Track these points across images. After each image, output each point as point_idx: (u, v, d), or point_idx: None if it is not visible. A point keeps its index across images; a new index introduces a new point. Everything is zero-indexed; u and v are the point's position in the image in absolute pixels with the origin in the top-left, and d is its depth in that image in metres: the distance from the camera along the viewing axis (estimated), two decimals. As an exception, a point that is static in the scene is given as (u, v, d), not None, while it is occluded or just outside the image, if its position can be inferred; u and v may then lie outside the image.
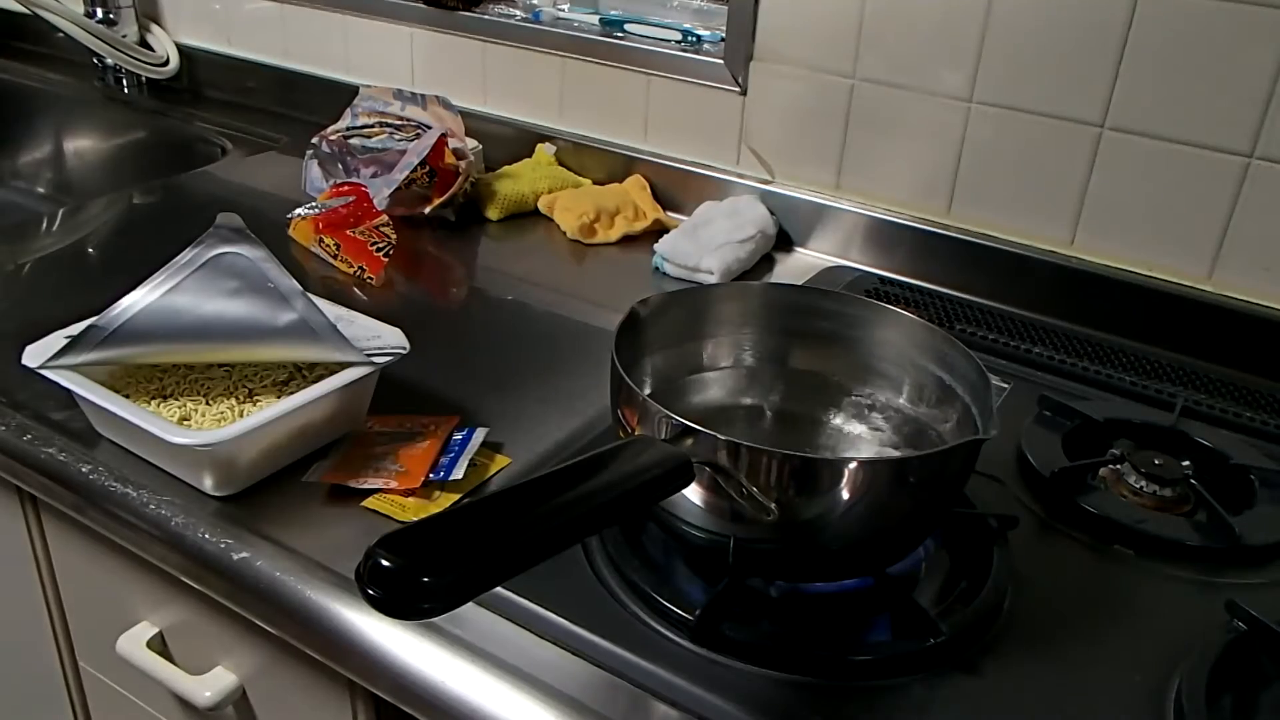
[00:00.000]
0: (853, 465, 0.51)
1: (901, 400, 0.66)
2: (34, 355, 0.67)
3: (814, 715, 0.50)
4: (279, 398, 0.67)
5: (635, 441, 0.49)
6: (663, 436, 0.51)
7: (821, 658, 0.53)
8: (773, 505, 0.50)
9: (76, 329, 0.69)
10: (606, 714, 0.51)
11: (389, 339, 0.70)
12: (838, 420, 0.68)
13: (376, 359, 0.68)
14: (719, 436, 0.49)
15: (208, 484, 0.64)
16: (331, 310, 0.71)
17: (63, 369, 0.65)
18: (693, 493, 0.51)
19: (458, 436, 0.68)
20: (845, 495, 0.50)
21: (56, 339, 0.68)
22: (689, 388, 0.68)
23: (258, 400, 0.68)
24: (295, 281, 0.68)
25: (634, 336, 0.62)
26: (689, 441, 0.50)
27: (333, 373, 0.68)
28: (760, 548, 0.53)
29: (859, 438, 0.67)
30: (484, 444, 0.69)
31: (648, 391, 0.65)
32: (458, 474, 0.64)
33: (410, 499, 0.64)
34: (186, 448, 0.61)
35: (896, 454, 0.64)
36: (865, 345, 0.67)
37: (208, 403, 0.67)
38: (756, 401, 0.69)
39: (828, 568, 0.56)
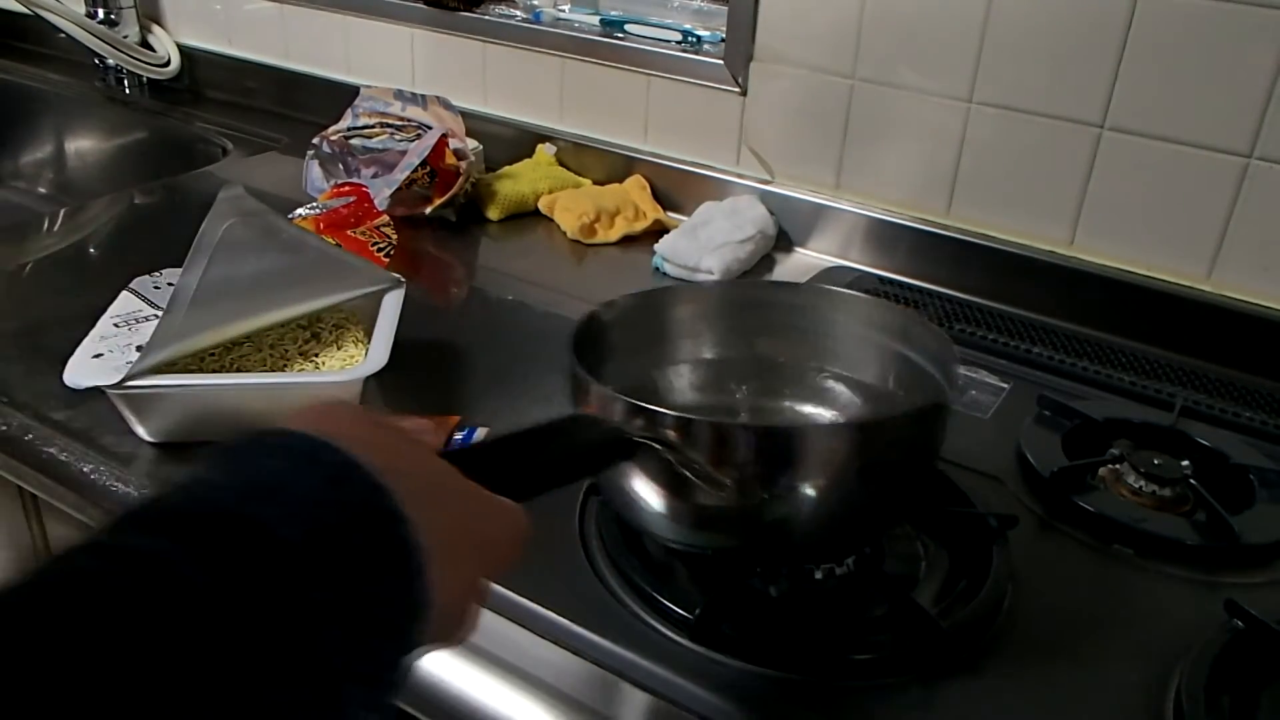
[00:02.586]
0: (799, 431, 0.50)
1: (869, 381, 0.66)
2: (83, 373, 0.66)
3: (814, 715, 0.50)
4: (337, 349, 0.74)
5: (578, 418, 0.49)
6: (615, 419, 0.50)
7: (821, 657, 0.53)
8: (728, 481, 0.49)
9: (107, 334, 0.71)
10: (607, 713, 0.51)
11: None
12: (806, 408, 0.67)
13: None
14: (664, 411, 0.48)
15: None
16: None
17: (146, 373, 0.65)
18: (649, 480, 0.51)
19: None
20: (799, 465, 0.50)
21: (87, 351, 0.69)
22: (654, 388, 0.67)
23: (318, 359, 0.73)
24: (300, 228, 0.74)
25: (595, 338, 0.61)
26: (638, 421, 0.49)
27: (353, 323, 0.76)
28: (729, 530, 0.53)
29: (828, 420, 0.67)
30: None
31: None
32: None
33: None
34: (349, 383, 0.67)
35: (843, 419, 0.63)
36: (828, 331, 0.67)
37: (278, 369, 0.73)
38: (723, 396, 0.68)
39: (799, 545, 0.55)
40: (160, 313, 0.72)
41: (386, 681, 0.30)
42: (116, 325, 0.73)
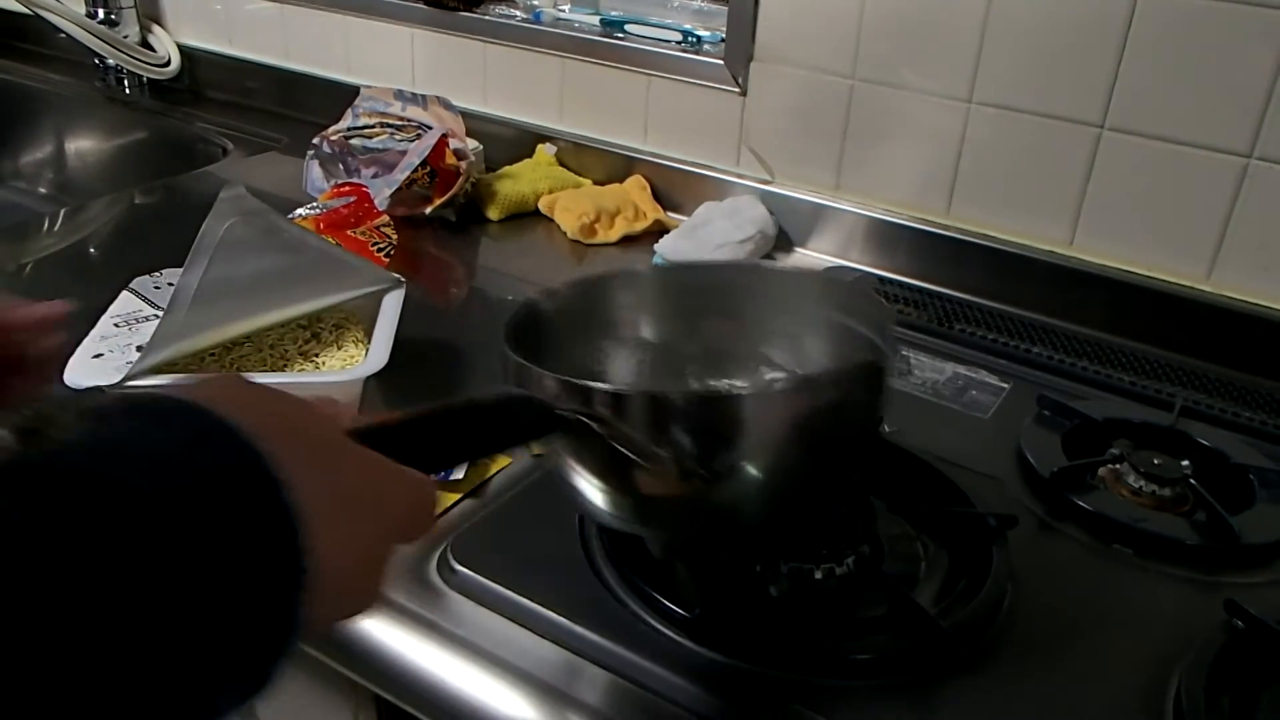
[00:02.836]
0: (727, 397, 0.48)
1: (815, 355, 0.65)
2: (83, 373, 0.66)
3: (814, 715, 0.50)
4: (337, 349, 0.75)
5: (507, 396, 0.48)
6: (545, 397, 0.48)
7: (821, 657, 0.53)
8: (662, 453, 0.47)
9: (108, 334, 0.71)
10: (606, 713, 0.51)
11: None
12: (749, 384, 0.66)
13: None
14: (589, 384, 0.47)
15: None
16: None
17: (146, 373, 0.65)
18: (586, 462, 0.50)
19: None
20: (730, 432, 0.48)
21: (88, 351, 0.69)
22: (596, 373, 0.65)
23: (318, 359, 0.73)
24: (301, 228, 0.74)
25: (534, 326, 0.59)
26: (565, 396, 0.47)
27: (353, 323, 0.76)
28: (670, 508, 0.51)
29: None
30: None
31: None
32: (458, 474, 0.64)
33: None
34: (349, 382, 0.67)
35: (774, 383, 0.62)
36: (771, 309, 0.66)
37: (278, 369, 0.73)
38: (667, 379, 0.67)
39: (742, 523, 0.54)
40: (160, 313, 0.72)
41: (263, 648, 0.28)
42: (117, 325, 0.73)
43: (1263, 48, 0.81)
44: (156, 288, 0.79)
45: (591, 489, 0.51)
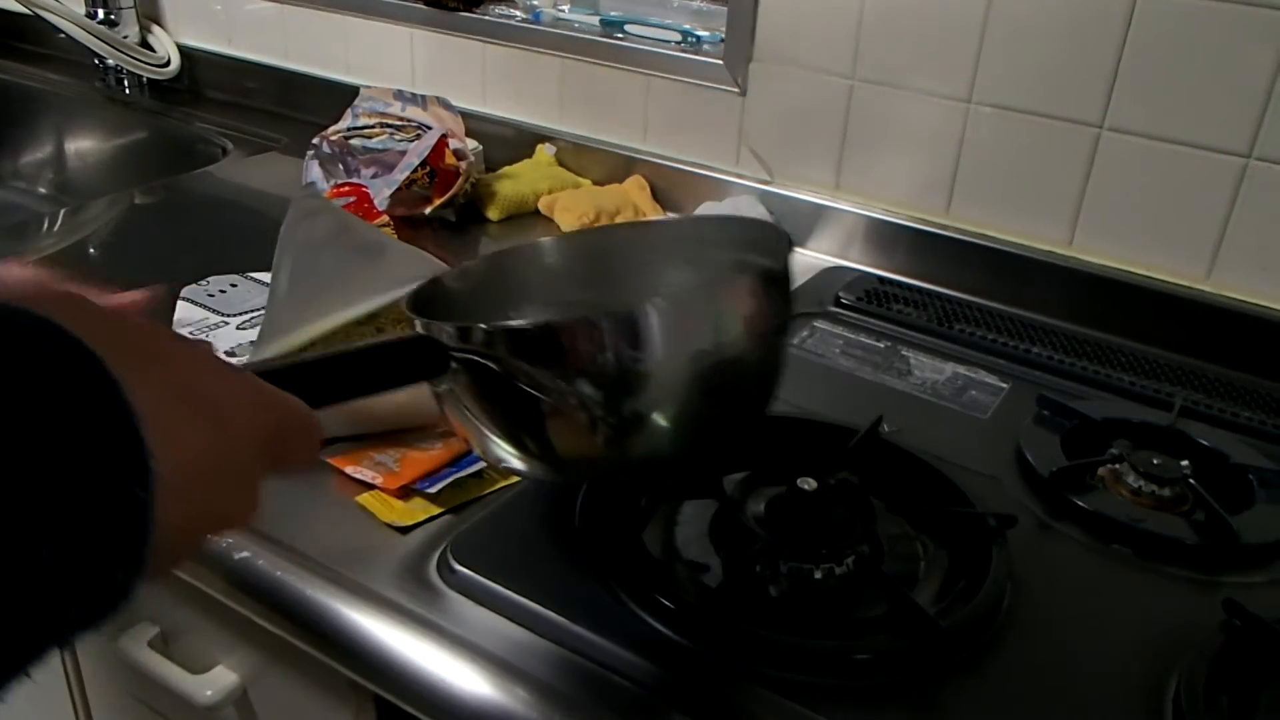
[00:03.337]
0: (613, 316, 0.47)
1: None
2: None
3: (813, 714, 0.50)
4: None
5: (398, 339, 0.47)
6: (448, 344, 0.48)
7: (820, 656, 0.53)
8: (558, 384, 0.47)
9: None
10: (606, 713, 0.51)
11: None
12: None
13: None
14: (480, 326, 0.46)
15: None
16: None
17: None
18: (488, 409, 0.49)
19: (475, 453, 0.67)
20: (618, 353, 0.47)
21: None
22: None
23: None
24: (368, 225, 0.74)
25: (439, 302, 0.58)
26: (458, 338, 0.47)
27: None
28: (575, 444, 0.50)
29: None
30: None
31: None
32: (432, 489, 0.64)
33: (398, 502, 0.64)
34: None
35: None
36: (671, 260, 0.64)
37: None
38: None
39: (649, 451, 0.51)
40: (226, 319, 0.75)
41: (114, 550, 0.27)
42: (193, 335, 0.74)
43: (1263, 48, 0.81)
44: (210, 295, 0.81)
45: (493, 433, 0.50)
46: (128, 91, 1.49)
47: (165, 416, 0.29)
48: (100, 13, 1.43)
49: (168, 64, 1.48)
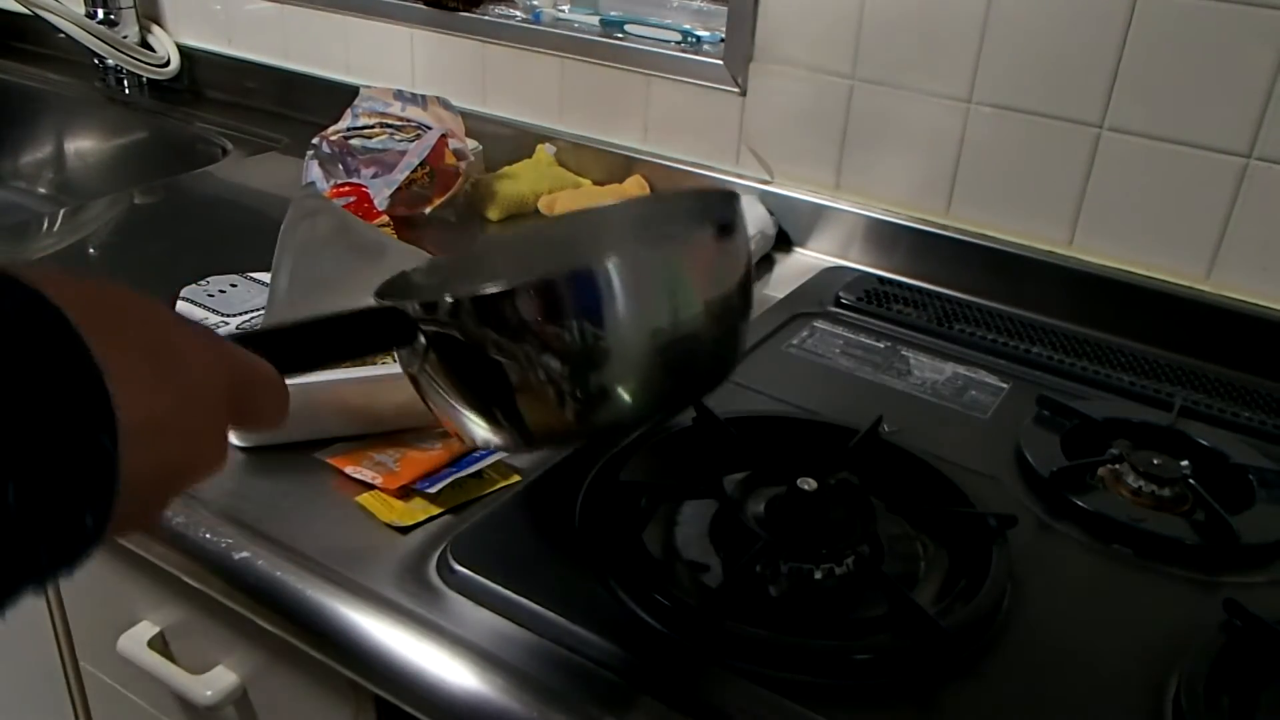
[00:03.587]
0: (576, 272, 0.48)
1: None
2: None
3: (813, 714, 0.50)
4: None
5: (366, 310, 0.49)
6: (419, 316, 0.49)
7: (821, 657, 0.53)
8: (524, 347, 0.47)
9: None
10: (604, 713, 0.51)
11: None
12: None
13: None
14: (446, 298, 0.47)
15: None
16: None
17: None
18: (457, 384, 0.50)
19: (479, 453, 0.67)
20: (565, 315, 0.47)
21: None
22: None
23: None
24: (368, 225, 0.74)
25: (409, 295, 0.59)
26: (424, 313, 0.48)
27: None
28: (545, 406, 0.50)
29: None
30: (505, 464, 0.68)
31: None
32: (432, 489, 0.64)
33: (398, 502, 0.64)
34: None
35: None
36: (627, 239, 0.65)
37: None
38: None
39: (619, 410, 0.51)
40: (227, 320, 0.75)
41: (82, 493, 0.27)
42: None
43: (1263, 48, 0.81)
44: (210, 295, 0.80)
45: (470, 414, 0.51)
46: (128, 91, 1.49)
47: (127, 368, 0.29)
48: (100, 13, 1.43)
49: (167, 64, 1.48)
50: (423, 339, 0.48)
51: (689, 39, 1.11)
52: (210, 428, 0.35)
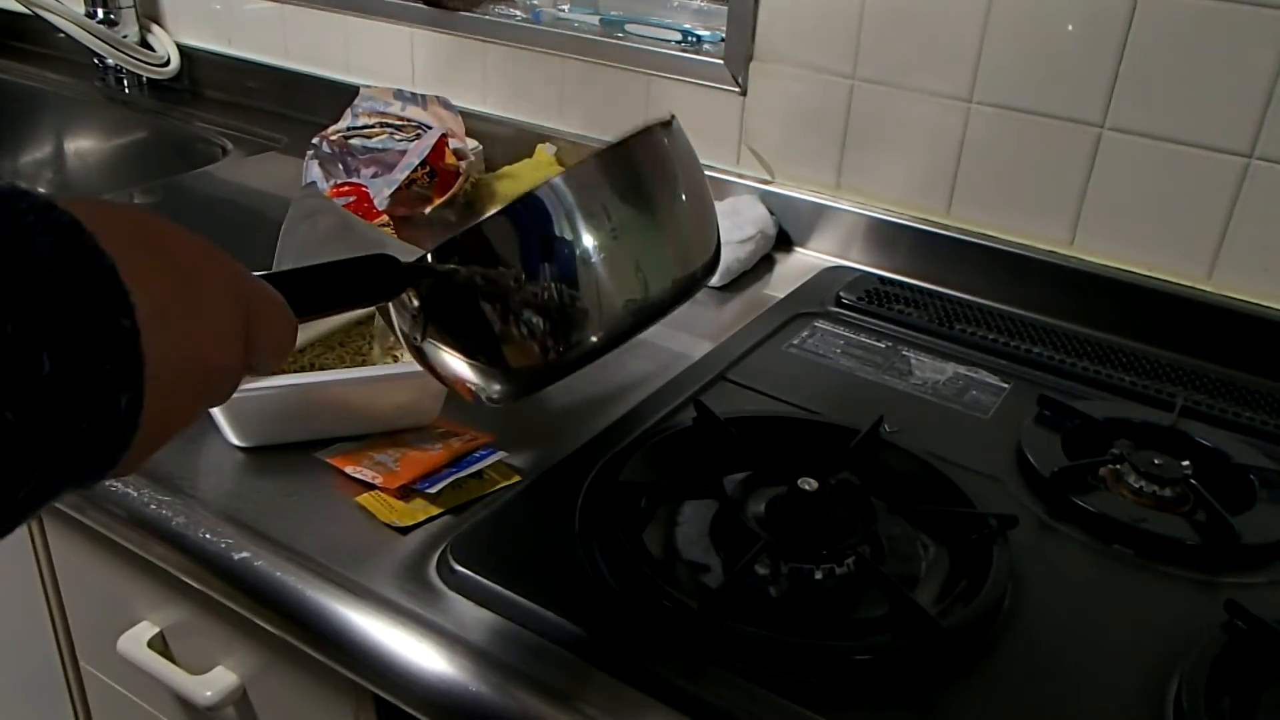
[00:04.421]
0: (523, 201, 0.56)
1: None
2: None
3: (813, 714, 0.50)
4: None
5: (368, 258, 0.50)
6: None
7: (821, 657, 0.53)
8: (512, 274, 0.52)
9: None
10: (606, 713, 0.51)
11: None
12: None
13: None
14: (440, 245, 0.52)
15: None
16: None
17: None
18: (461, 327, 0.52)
19: (478, 454, 0.67)
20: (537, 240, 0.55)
21: None
22: None
23: (394, 352, 0.73)
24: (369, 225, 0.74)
25: None
26: (425, 262, 0.51)
27: None
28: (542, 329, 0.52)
29: None
30: (506, 464, 0.68)
31: None
32: (432, 490, 0.64)
33: (398, 502, 0.63)
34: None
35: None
36: None
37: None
38: None
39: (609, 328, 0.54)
40: None
41: (99, 365, 0.28)
42: None
43: (1263, 48, 0.81)
44: None
45: (462, 359, 0.53)
46: (127, 91, 1.49)
47: (135, 261, 0.31)
48: (100, 12, 1.43)
49: (167, 64, 1.48)
50: (415, 301, 0.51)
51: (689, 39, 1.11)
52: (223, 325, 0.36)
